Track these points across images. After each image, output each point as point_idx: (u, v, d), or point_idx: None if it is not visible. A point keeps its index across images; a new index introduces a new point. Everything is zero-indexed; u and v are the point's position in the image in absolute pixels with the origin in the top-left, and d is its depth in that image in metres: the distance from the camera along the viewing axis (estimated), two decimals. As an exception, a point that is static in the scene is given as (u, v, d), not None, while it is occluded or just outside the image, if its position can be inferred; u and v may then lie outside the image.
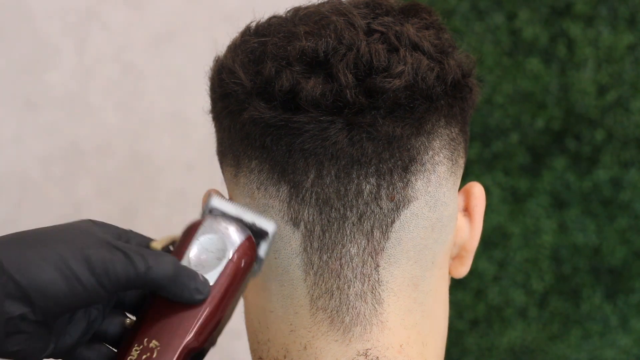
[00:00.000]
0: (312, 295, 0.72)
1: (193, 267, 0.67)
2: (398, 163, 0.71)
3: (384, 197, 0.71)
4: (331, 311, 0.72)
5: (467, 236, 0.78)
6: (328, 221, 0.72)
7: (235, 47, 0.75)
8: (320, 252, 0.72)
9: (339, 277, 0.72)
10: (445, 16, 1.60)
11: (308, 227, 0.72)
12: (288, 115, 0.70)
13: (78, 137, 1.44)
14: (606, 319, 1.66)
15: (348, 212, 0.71)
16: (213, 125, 0.78)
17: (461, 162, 0.76)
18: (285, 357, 0.73)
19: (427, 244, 0.74)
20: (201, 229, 0.68)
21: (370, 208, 0.71)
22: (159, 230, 1.48)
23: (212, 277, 0.67)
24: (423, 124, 0.72)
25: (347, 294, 0.72)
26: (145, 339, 0.66)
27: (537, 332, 1.66)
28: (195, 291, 0.67)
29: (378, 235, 0.72)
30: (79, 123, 1.44)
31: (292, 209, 0.72)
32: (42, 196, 1.44)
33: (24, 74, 1.42)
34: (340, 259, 0.72)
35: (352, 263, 0.72)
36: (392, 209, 0.72)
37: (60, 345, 0.67)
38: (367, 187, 0.71)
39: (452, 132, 0.74)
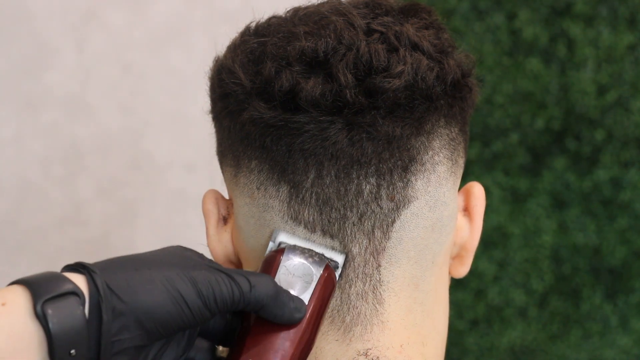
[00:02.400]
0: (313, 296, 0.72)
1: None
2: (398, 163, 0.71)
3: (384, 197, 0.71)
4: (332, 311, 0.72)
5: (467, 236, 0.78)
6: (328, 221, 0.72)
7: (235, 47, 0.75)
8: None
9: (339, 276, 0.72)
10: (445, 16, 1.60)
11: (308, 227, 0.72)
12: (288, 116, 0.70)
13: (78, 137, 1.44)
14: (606, 319, 1.66)
15: (348, 212, 0.71)
16: (213, 125, 0.78)
17: (461, 162, 0.76)
18: (285, 357, 0.73)
19: (427, 243, 0.74)
20: (284, 257, 0.70)
21: (371, 208, 0.71)
22: (159, 230, 1.48)
23: (304, 299, 0.69)
24: (423, 124, 0.72)
25: (349, 294, 0.72)
26: (250, 359, 0.67)
27: (537, 332, 1.66)
28: (295, 310, 0.68)
29: (379, 235, 0.72)
30: (79, 123, 1.44)
31: (292, 209, 0.72)
32: (42, 196, 1.44)
33: (24, 74, 1.42)
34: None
35: (353, 263, 0.72)
36: (393, 208, 0.72)
37: None
38: (367, 187, 0.71)
39: (451, 132, 0.74)
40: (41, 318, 0.61)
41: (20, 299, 0.61)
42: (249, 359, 0.67)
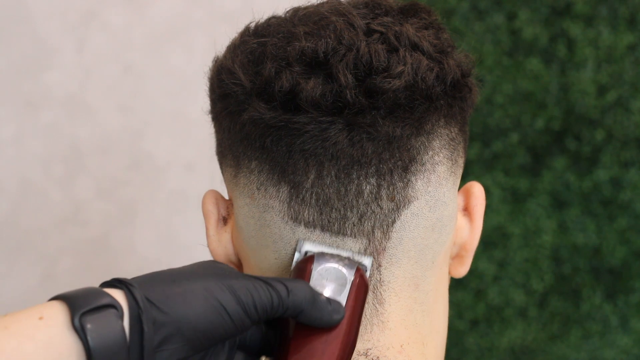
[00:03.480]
0: (313, 296, 0.72)
1: None
2: (398, 163, 0.71)
3: (384, 197, 0.71)
4: (332, 311, 0.72)
5: (466, 236, 0.78)
6: (328, 221, 0.72)
7: (235, 48, 0.75)
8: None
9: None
10: (445, 16, 1.60)
11: (308, 227, 0.72)
12: (288, 116, 0.70)
13: (78, 137, 1.44)
14: (606, 319, 1.66)
15: (348, 213, 0.71)
16: (212, 125, 0.78)
17: (461, 161, 0.76)
18: (285, 357, 0.73)
19: (427, 243, 0.74)
20: (315, 264, 0.70)
21: (371, 208, 0.71)
22: (159, 230, 1.48)
23: (341, 301, 0.69)
24: (423, 124, 0.72)
25: (348, 294, 0.72)
26: None
27: (537, 332, 1.66)
28: (334, 311, 0.67)
29: (379, 235, 0.72)
30: (79, 123, 1.44)
31: (292, 210, 0.72)
32: (42, 196, 1.44)
33: (24, 74, 1.42)
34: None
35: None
36: (393, 209, 0.72)
37: None
38: (368, 187, 0.71)
39: (451, 132, 0.74)
40: (79, 331, 0.60)
41: (58, 312, 0.61)
42: None
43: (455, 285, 1.62)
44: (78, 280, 1.45)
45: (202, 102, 0.80)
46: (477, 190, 0.79)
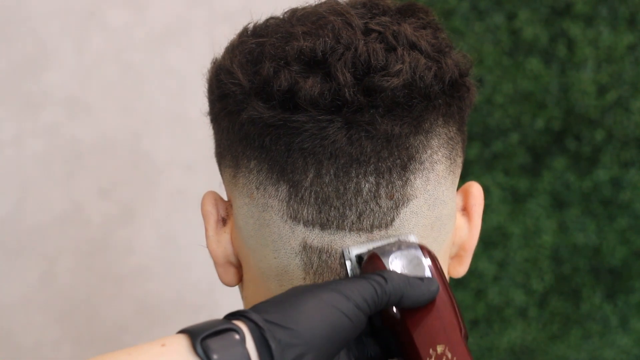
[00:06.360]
0: (312, 295, 0.72)
1: None
2: (397, 161, 0.71)
3: (383, 196, 0.72)
4: (331, 311, 0.72)
5: (465, 235, 0.78)
6: (327, 220, 0.72)
7: (233, 48, 0.75)
8: (319, 252, 0.72)
9: (339, 276, 0.72)
10: (445, 16, 1.60)
11: (307, 226, 0.72)
12: (287, 115, 0.71)
13: (78, 137, 1.44)
14: (606, 319, 1.66)
15: (347, 211, 0.71)
16: (211, 127, 0.78)
17: (459, 161, 0.76)
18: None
19: (426, 242, 0.74)
20: (383, 258, 0.70)
21: (370, 207, 0.72)
22: (159, 230, 1.48)
23: (428, 276, 0.70)
24: (421, 123, 0.72)
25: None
26: (430, 349, 0.68)
27: (537, 332, 1.66)
28: (430, 284, 0.69)
29: (378, 233, 0.72)
30: (79, 123, 1.44)
31: (291, 208, 0.72)
32: (42, 196, 1.44)
33: (24, 74, 1.42)
34: (340, 257, 0.72)
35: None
36: (392, 207, 0.72)
37: None
38: (366, 185, 0.71)
39: (450, 131, 0.74)
40: (202, 355, 0.61)
41: (180, 339, 0.63)
42: (430, 347, 0.68)
43: (455, 285, 1.62)
44: (78, 280, 1.45)
45: (201, 102, 0.80)
46: (475, 190, 0.79)
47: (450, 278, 0.80)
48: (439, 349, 0.68)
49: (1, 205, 1.43)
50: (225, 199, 0.78)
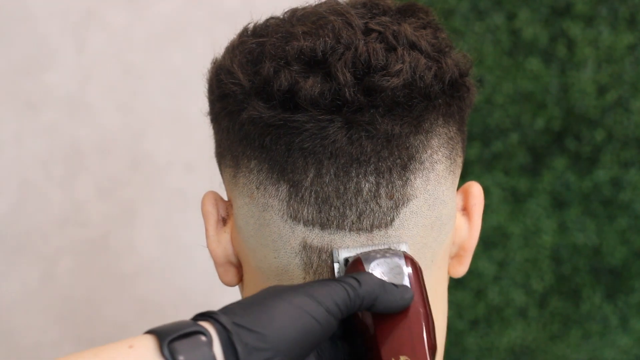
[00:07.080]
0: (312, 295, 0.72)
1: None
2: (397, 161, 0.71)
3: (383, 196, 0.72)
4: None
5: (465, 235, 0.78)
6: (327, 220, 0.72)
7: (233, 48, 0.76)
8: (319, 251, 0.72)
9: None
10: (445, 16, 1.60)
11: (307, 225, 0.72)
12: (287, 115, 0.71)
13: (78, 137, 1.44)
14: (606, 319, 1.66)
15: (347, 211, 0.71)
16: (211, 127, 0.79)
17: (459, 161, 0.76)
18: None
19: (426, 242, 0.74)
20: (365, 264, 0.70)
21: (370, 206, 0.72)
22: (159, 230, 1.48)
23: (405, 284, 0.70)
24: (421, 123, 0.72)
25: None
26: (393, 358, 0.68)
27: (537, 332, 1.66)
28: (404, 292, 0.68)
29: (378, 233, 0.72)
30: (79, 123, 1.44)
31: (291, 208, 0.72)
32: (42, 196, 1.44)
33: (24, 74, 1.42)
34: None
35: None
36: (392, 207, 0.72)
37: None
38: (367, 185, 0.71)
39: (450, 131, 0.74)
40: (168, 357, 0.62)
41: (147, 341, 0.62)
42: (392, 356, 0.68)
43: (455, 285, 1.62)
44: (78, 280, 1.45)
45: (202, 102, 0.80)
46: (475, 189, 0.79)
47: (451, 278, 0.80)
48: (402, 359, 0.68)
49: (1, 205, 1.43)
50: (226, 199, 0.78)
